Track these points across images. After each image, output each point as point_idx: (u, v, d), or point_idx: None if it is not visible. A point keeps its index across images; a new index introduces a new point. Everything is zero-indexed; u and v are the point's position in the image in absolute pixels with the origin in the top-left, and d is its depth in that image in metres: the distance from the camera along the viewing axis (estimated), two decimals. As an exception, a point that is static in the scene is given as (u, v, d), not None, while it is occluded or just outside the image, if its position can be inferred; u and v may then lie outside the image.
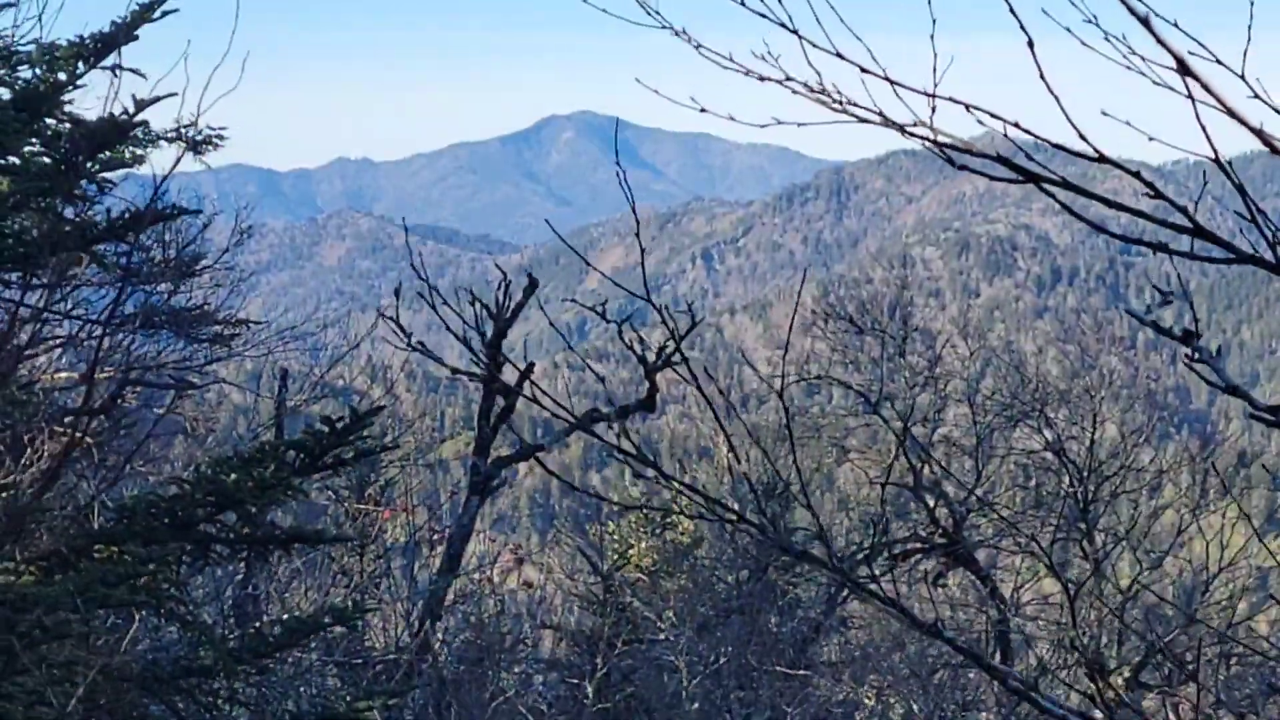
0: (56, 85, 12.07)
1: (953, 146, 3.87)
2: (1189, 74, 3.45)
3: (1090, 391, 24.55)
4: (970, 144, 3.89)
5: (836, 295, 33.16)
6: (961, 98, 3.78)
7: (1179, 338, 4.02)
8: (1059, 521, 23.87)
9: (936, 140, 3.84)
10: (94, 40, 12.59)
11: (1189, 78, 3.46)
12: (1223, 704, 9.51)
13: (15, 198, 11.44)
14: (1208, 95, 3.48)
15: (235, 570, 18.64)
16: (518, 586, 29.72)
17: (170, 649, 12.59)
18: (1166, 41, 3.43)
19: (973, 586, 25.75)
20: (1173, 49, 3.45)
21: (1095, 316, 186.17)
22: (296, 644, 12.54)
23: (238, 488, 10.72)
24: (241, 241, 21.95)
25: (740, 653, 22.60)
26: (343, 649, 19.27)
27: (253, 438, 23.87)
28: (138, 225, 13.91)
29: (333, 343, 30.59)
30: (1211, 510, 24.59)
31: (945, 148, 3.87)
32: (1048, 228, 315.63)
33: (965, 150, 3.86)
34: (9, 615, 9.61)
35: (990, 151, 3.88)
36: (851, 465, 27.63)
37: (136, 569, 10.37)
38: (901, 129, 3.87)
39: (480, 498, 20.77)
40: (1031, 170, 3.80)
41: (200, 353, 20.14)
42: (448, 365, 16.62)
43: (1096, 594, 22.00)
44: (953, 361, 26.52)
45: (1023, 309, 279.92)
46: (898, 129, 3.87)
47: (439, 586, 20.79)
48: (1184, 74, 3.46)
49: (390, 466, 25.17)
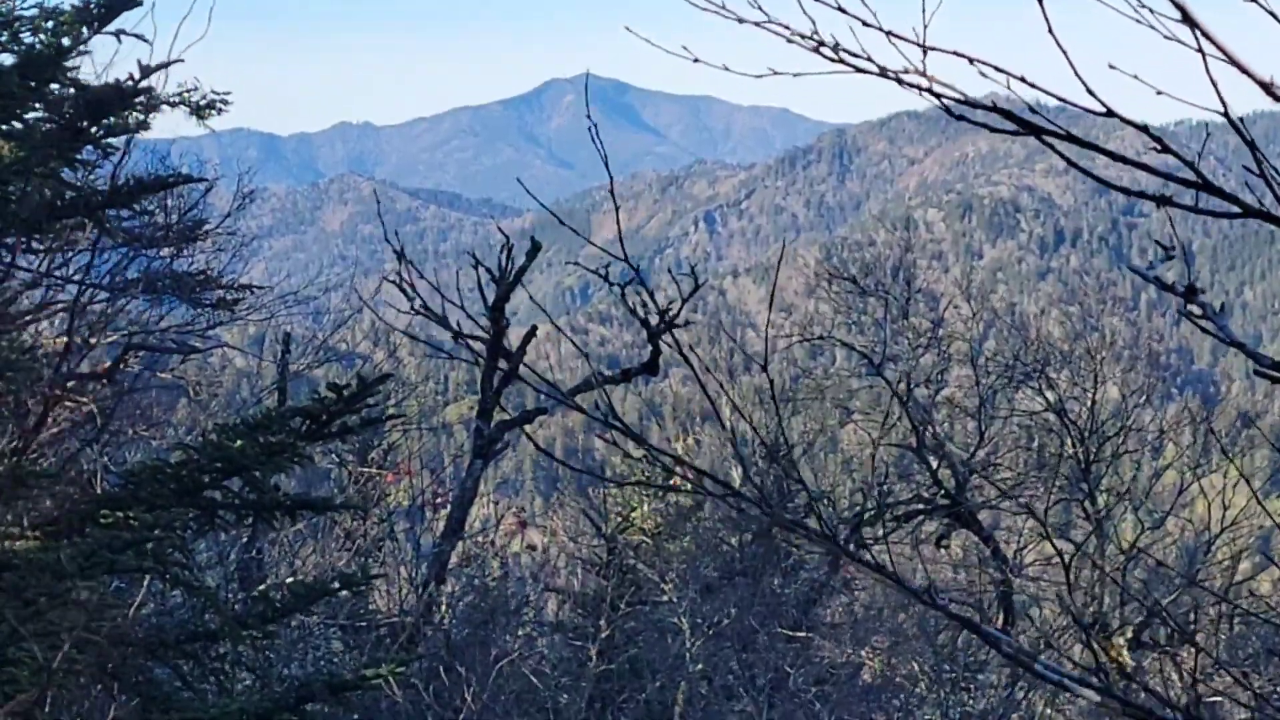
0: (60, 51, 12.04)
1: (951, 98, 3.86)
2: (1192, 24, 3.45)
3: (1092, 352, 24.56)
4: (968, 96, 3.88)
5: (839, 258, 33.13)
6: (960, 53, 3.78)
7: (1181, 293, 4.03)
8: (1061, 483, 23.92)
9: (932, 90, 3.83)
10: (97, 5, 12.55)
11: (1192, 27, 3.45)
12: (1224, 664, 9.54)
13: (18, 164, 11.42)
14: (1214, 48, 3.48)
15: (240, 535, 18.68)
16: (521, 550, 29.79)
17: (175, 614, 12.64)
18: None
19: (976, 548, 25.81)
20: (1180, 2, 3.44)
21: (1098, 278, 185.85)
22: (302, 608, 12.57)
23: (244, 454, 10.73)
24: (244, 206, 21.93)
25: (743, 614, 22.66)
26: (347, 612, 19.32)
27: (256, 402, 23.91)
28: (141, 191, 13.91)
29: (335, 307, 30.61)
30: (1213, 470, 24.63)
31: (944, 99, 3.85)
32: (1051, 189, 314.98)
33: (964, 102, 3.85)
34: (15, 581, 9.64)
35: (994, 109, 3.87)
36: (855, 426, 27.65)
37: (142, 534, 10.39)
38: (898, 78, 3.85)
39: (484, 461, 20.81)
40: (1032, 123, 3.79)
41: (203, 317, 20.14)
42: (451, 329, 16.60)
43: (1099, 555, 22.06)
44: (955, 323, 26.53)
45: (1025, 270, 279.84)
46: (893, 78, 3.86)
47: (443, 550, 20.84)
48: (1188, 24, 3.45)
49: (394, 430, 25.21)
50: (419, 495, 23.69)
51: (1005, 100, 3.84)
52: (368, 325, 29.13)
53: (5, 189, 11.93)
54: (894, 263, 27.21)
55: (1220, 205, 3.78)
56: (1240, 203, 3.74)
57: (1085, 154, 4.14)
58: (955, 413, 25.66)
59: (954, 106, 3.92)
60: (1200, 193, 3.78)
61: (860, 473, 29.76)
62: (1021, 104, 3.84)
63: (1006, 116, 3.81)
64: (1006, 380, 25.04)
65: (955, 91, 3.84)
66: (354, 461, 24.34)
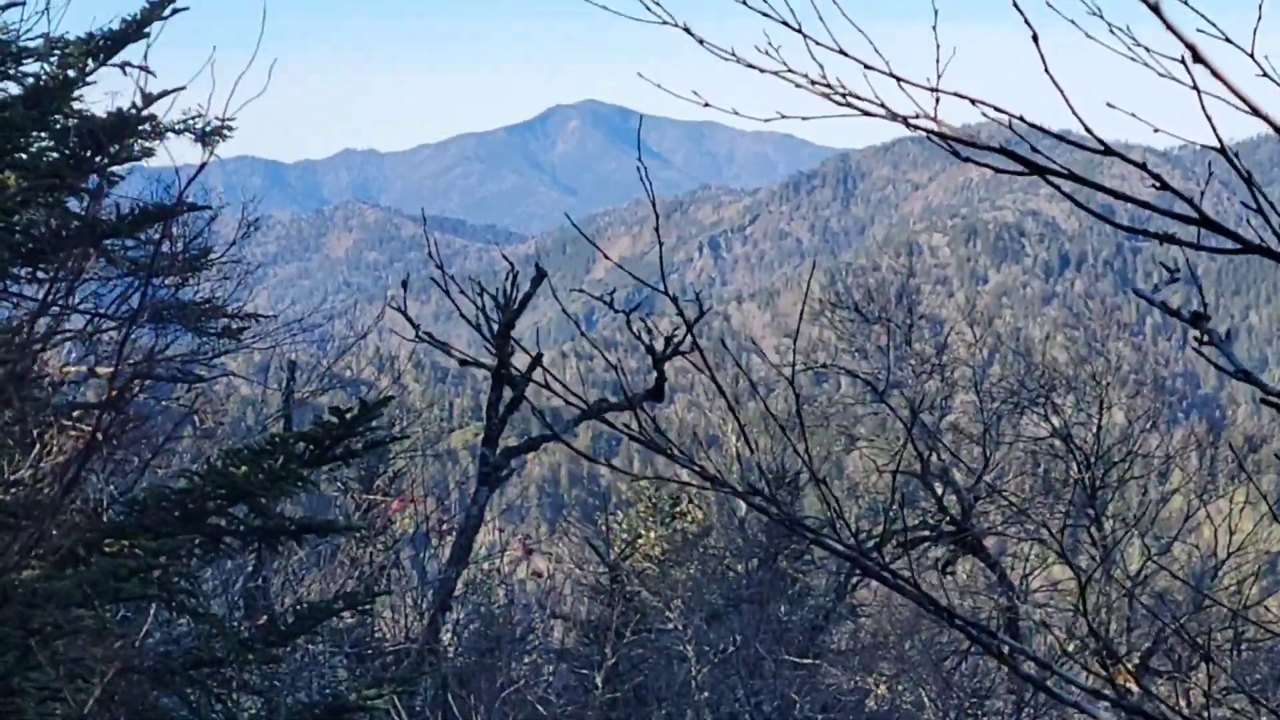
0: (66, 82, 12.09)
1: (958, 139, 3.88)
2: (1201, 62, 3.46)
3: (1097, 377, 24.55)
4: (975, 133, 3.90)
5: (844, 283, 33.16)
6: (965, 91, 3.80)
7: (1189, 320, 4.03)
8: (1067, 508, 23.89)
9: (941, 133, 3.85)
10: (104, 37, 12.60)
11: (1200, 65, 3.46)
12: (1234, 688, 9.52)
13: (23, 193, 11.46)
14: (1218, 83, 3.49)
15: (245, 562, 18.69)
16: (527, 576, 29.76)
17: (181, 641, 12.63)
18: (1178, 29, 3.43)
19: (982, 574, 25.77)
20: (1184, 37, 3.45)
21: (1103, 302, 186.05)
22: (308, 631, 12.57)
23: (248, 480, 10.73)
24: (248, 234, 21.95)
25: (750, 641, 22.63)
26: (352, 640, 19.32)
27: (261, 429, 23.93)
28: (146, 220, 13.94)
29: (340, 334, 30.63)
30: (1220, 495, 24.61)
31: (950, 140, 3.88)
32: (1055, 214, 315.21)
33: (970, 143, 3.87)
34: (21, 611, 9.64)
35: (995, 142, 3.90)
36: (860, 453, 27.64)
37: (147, 562, 10.39)
38: (906, 121, 3.88)
39: (489, 488, 20.80)
40: (1036, 162, 3.81)
41: (208, 345, 20.16)
42: (456, 354, 16.63)
43: (1106, 580, 22.03)
44: (960, 349, 26.53)
45: (1030, 295, 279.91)
46: (902, 122, 3.89)
47: (448, 577, 20.83)
48: (1196, 62, 3.46)
49: (399, 457, 25.22)
50: (424, 522, 23.69)
51: (1006, 137, 3.87)
52: (372, 352, 29.19)
53: (11, 219, 11.97)
54: (898, 288, 27.23)
55: (1222, 242, 3.79)
56: (1241, 239, 3.75)
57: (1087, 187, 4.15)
58: (960, 438, 25.64)
59: (961, 149, 3.94)
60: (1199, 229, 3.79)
61: (866, 499, 29.76)
62: (1025, 136, 3.86)
63: (1011, 157, 3.83)
64: (1011, 406, 25.02)
65: (961, 130, 3.87)
66: (359, 489, 24.35)
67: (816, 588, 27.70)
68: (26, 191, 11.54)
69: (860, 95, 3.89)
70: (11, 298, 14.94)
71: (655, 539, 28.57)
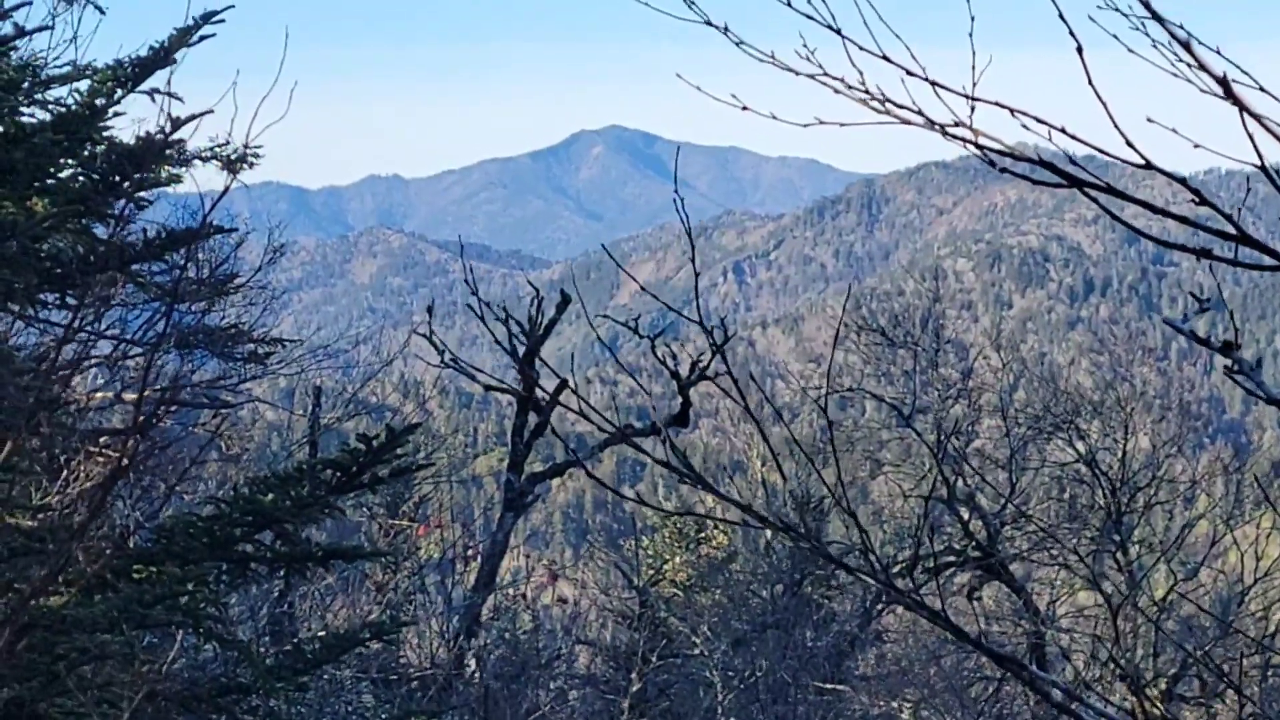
0: (94, 109, 12.14)
1: (994, 150, 3.88)
2: (1232, 96, 3.46)
3: (1123, 403, 24.47)
4: (1012, 148, 3.90)
5: (869, 308, 33.13)
6: (1003, 104, 3.80)
7: (1219, 348, 4.01)
8: (1093, 534, 23.81)
9: (977, 142, 3.85)
10: (132, 64, 12.66)
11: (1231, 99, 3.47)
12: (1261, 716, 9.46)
13: (50, 220, 11.52)
14: (1261, 96, 3.49)
15: (272, 588, 18.71)
16: (552, 602, 29.77)
17: (208, 667, 12.65)
18: (1208, 64, 3.44)
19: (1008, 600, 25.68)
20: (1213, 70, 3.46)
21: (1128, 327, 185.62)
22: (334, 659, 12.58)
23: (275, 507, 10.76)
24: (274, 260, 22.03)
25: (775, 667, 22.58)
26: (378, 666, 19.31)
27: (287, 455, 23.97)
28: (173, 244, 13.99)
29: (365, 359, 30.69)
30: (1246, 521, 24.49)
31: (986, 150, 3.88)
32: (1080, 238, 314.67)
33: (1006, 154, 3.87)
34: (48, 637, 9.67)
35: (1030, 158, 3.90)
36: (885, 478, 27.58)
37: (175, 589, 10.42)
38: (944, 130, 3.88)
39: (514, 513, 20.82)
40: (1073, 175, 3.80)
41: (234, 371, 20.20)
42: (481, 380, 16.67)
43: (1132, 605, 21.93)
44: (985, 374, 26.47)
45: (1055, 320, 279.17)
46: (940, 131, 3.88)
47: (474, 602, 20.83)
48: (1228, 96, 3.47)
49: (424, 483, 25.23)
50: (450, 548, 23.69)
51: (1040, 149, 3.86)
52: (397, 377, 29.23)
53: (39, 245, 12.03)
54: (923, 313, 27.19)
55: (1257, 257, 3.78)
56: (1278, 255, 3.75)
57: (1117, 203, 4.15)
58: (986, 464, 25.57)
59: (996, 160, 3.94)
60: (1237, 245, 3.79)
61: (892, 524, 29.68)
62: (1061, 153, 3.87)
63: (1049, 169, 3.83)
64: (1037, 431, 24.95)
65: (999, 144, 3.87)
66: (385, 514, 24.37)
67: (841, 613, 27.63)
68: (54, 217, 11.60)
69: (898, 103, 3.90)
70: (39, 323, 15.01)
71: (680, 564, 28.54)
